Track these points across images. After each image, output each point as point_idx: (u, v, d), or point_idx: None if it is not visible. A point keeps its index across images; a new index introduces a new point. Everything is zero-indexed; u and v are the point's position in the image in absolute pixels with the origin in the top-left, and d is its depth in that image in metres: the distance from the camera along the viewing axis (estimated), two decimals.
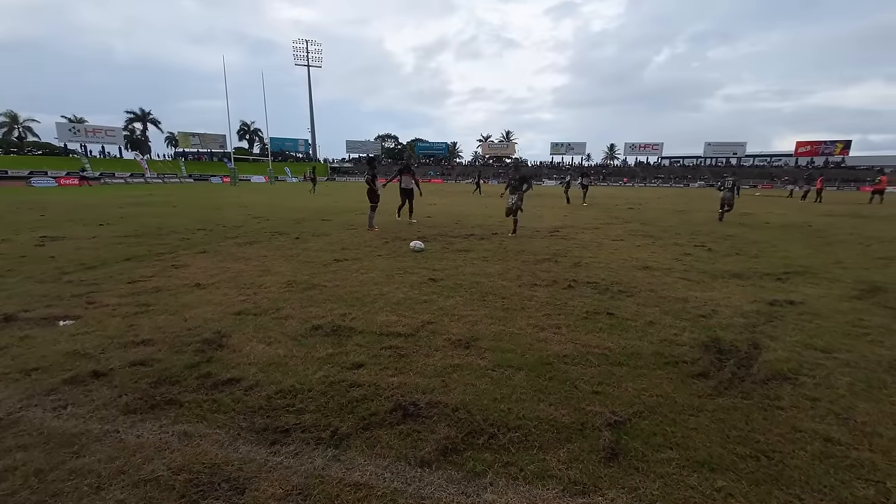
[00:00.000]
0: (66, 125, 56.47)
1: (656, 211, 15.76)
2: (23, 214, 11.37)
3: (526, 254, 6.56)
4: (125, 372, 2.56)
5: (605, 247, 7.35)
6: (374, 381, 2.50)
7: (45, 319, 3.45)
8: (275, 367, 2.65)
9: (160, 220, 10.24)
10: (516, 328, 3.39)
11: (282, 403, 2.24)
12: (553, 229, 9.57)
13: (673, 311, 3.84)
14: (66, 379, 2.45)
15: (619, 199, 23.74)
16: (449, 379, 2.54)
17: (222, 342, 3.01)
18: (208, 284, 4.55)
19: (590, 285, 4.73)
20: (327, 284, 4.61)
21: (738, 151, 74.00)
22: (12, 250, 6.29)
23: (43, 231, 8.23)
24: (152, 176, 51.00)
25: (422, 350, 2.95)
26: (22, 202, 15.87)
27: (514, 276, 5.09)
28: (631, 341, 3.15)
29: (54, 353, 2.80)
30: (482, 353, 2.90)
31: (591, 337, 3.23)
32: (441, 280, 4.85)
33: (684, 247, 7.46)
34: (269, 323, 3.43)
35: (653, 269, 5.58)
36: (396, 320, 3.52)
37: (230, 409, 2.18)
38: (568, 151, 78.92)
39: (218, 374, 2.54)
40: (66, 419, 2.08)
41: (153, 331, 3.22)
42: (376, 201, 9.38)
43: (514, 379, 2.55)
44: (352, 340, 3.09)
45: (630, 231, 9.54)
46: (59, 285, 4.49)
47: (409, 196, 10.46)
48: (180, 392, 2.34)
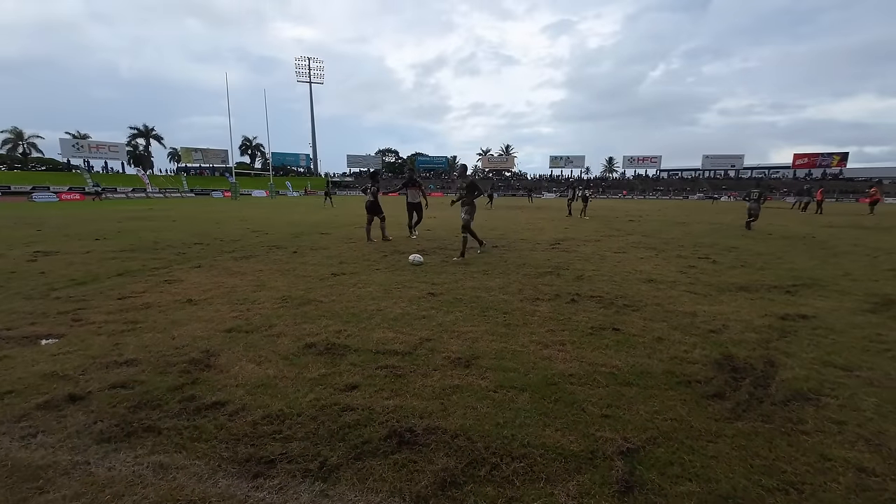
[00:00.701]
0: (70, 141, 57.05)
1: (657, 223, 15.68)
2: (19, 230, 11.29)
3: (527, 267, 6.42)
4: (104, 395, 2.41)
5: (608, 259, 7.22)
6: (368, 404, 2.34)
7: (26, 338, 3.30)
8: (263, 390, 2.49)
9: (157, 235, 10.15)
10: (519, 345, 3.24)
11: (268, 430, 2.08)
12: (554, 242, 9.45)
13: (681, 327, 3.69)
14: (40, 403, 2.30)
15: (618, 212, 23.70)
16: (448, 401, 2.39)
17: (210, 362, 2.87)
18: (200, 300, 4.41)
19: (594, 299, 4.58)
20: (323, 300, 4.47)
21: (735, 164, 74.47)
22: (3, 266, 6.16)
23: (37, 246, 8.12)
24: (154, 191, 51.25)
25: (419, 370, 2.79)
26: (20, 217, 15.82)
27: (516, 290, 4.95)
28: (640, 359, 3.00)
29: (31, 375, 2.65)
30: (483, 373, 2.75)
31: (598, 354, 3.08)
32: (440, 294, 4.71)
33: (688, 259, 7.33)
34: (260, 341, 3.28)
35: (657, 282, 5.44)
36: (393, 337, 3.38)
37: (212, 437, 2.02)
38: (567, 165, 79.51)
39: (202, 397, 2.38)
40: (34, 449, 1.93)
41: (138, 350, 3.07)
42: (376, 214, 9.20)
43: (517, 401, 2.40)
44: (346, 359, 2.94)
45: (632, 243, 9.42)
46: (46, 302, 4.36)
47: (417, 210, 10.16)
48: (160, 417, 2.18)
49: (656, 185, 75.34)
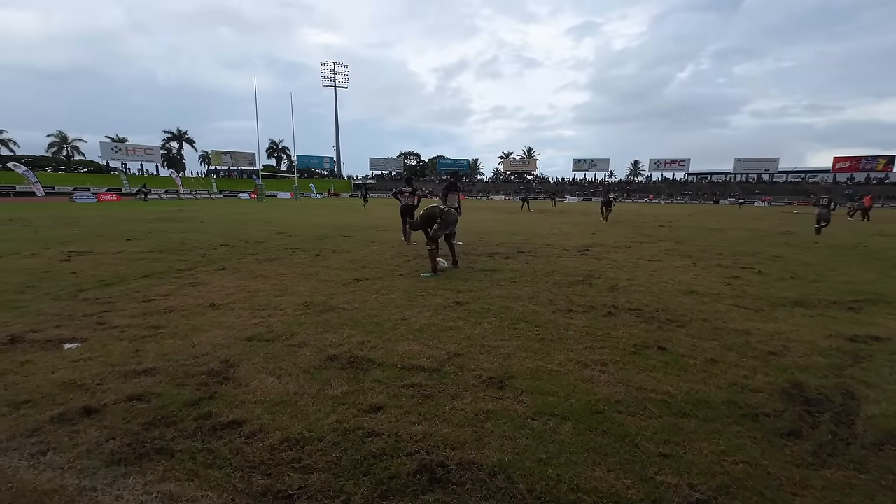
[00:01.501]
0: (109, 144, 59.83)
1: (689, 229, 14.98)
2: (57, 229, 11.73)
3: (556, 275, 6.12)
4: (119, 409, 2.29)
5: (642, 268, 6.82)
6: (394, 429, 2.14)
7: (50, 342, 3.26)
8: (282, 408, 2.33)
9: (185, 236, 10.32)
10: (555, 364, 2.97)
11: (287, 457, 1.90)
12: (582, 248, 9.08)
13: (736, 347, 3.34)
14: (55, 416, 2.20)
15: (646, 216, 22.89)
16: (482, 430, 2.15)
17: (228, 374, 2.73)
18: (223, 305, 4.33)
19: (632, 312, 4.26)
20: (346, 307, 4.31)
21: (770, 167, 71.29)
22: (38, 265, 6.31)
23: (72, 246, 8.35)
24: (185, 192, 53.06)
25: (449, 390, 2.57)
26: (59, 217, 16.52)
27: (547, 301, 4.67)
28: (694, 384, 2.68)
29: (50, 383, 2.57)
30: (519, 396, 2.51)
31: (645, 377, 2.78)
32: (467, 304, 4.48)
33: (730, 269, 6.85)
34: (280, 351, 3.13)
35: (700, 295, 5.05)
36: (419, 351, 3.17)
37: (226, 464, 1.85)
38: (591, 168, 77.93)
39: (219, 415, 2.23)
40: (42, 470, 1.81)
41: (158, 358, 2.97)
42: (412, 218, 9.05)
43: (559, 432, 2.14)
44: (370, 375, 2.75)
45: (666, 251, 8.94)
46: (73, 303, 4.37)
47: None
48: (174, 437, 2.04)
49: (684, 188, 72.88)
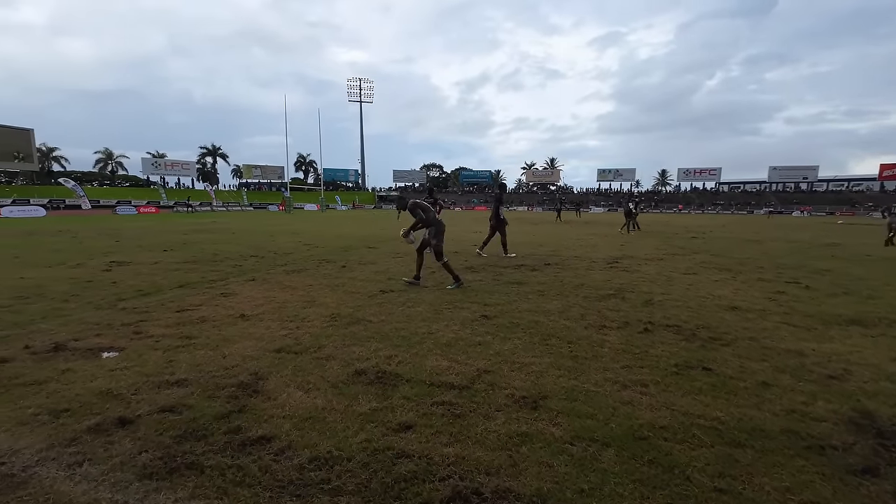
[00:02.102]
0: (150, 160, 63.40)
1: (724, 240, 14.34)
2: (101, 240, 12.36)
3: (586, 288, 5.92)
4: (152, 420, 2.30)
5: (677, 281, 6.52)
6: (425, 450, 2.05)
7: (90, 350, 3.36)
8: (311, 424, 2.28)
9: (217, 247, 10.66)
10: (591, 384, 2.82)
11: (316, 478, 1.84)
12: (611, 260, 8.80)
13: (790, 369, 3.08)
14: (91, 426, 2.23)
15: (676, 227, 22.13)
16: (517, 454, 2.04)
17: (258, 386, 2.72)
18: (252, 316, 4.38)
19: (670, 329, 4.04)
20: (372, 319, 4.28)
21: (808, 176, 68.06)
22: (82, 275, 6.62)
23: (113, 256, 8.76)
24: (218, 204, 55.27)
25: (480, 409, 2.47)
26: (103, 229, 17.46)
27: (578, 315, 4.50)
28: (746, 410, 2.48)
29: (88, 392, 2.63)
30: (554, 418, 2.37)
31: (690, 401, 2.59)
32: (495, 317, 4.37)
33: (773, 283, 6.45)
34: (309, 364, 3.11)
35: (743, 311, 4.75)
36: (448, 367, 3.08)
37: (255, 483, 1.81)
38: (616, 178, 76.54)
39: (248, 430, 2.21)
40: (77, 482, 1.81)
41: (190, 369, 3.00)
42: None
43: (601, 459, 2.00)
44: (398, 391, 2.68)
45: (701, 263, 8.55)
46: (113, 312, 4.52)
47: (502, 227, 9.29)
48: (204, 452, 2.02)
49: (716, 198, 70.35)
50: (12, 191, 45.23)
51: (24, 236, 13.62)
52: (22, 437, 2.14)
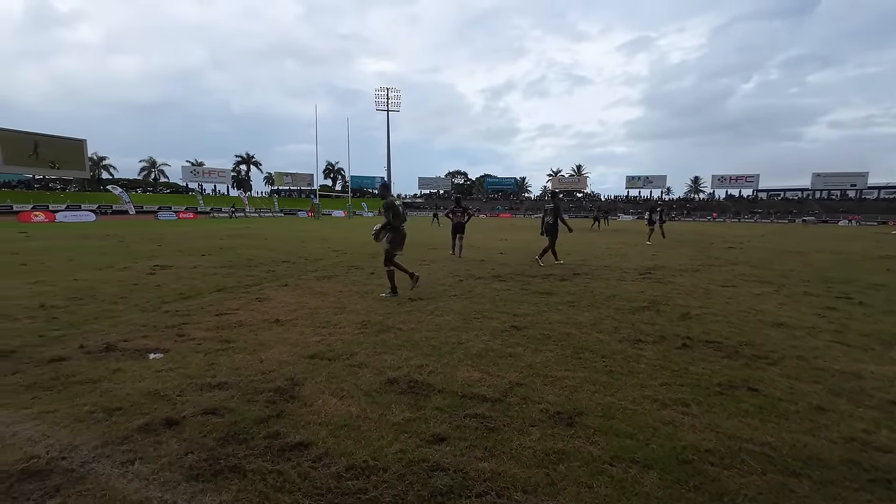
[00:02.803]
0: (189, 168, 66.72)
1: (763, 251, 13.65)
2: (144, 244, 13.07)
3: (618, 299, 5.76)
4: (196, 422, 2.40)
5: (715, 294, 6.25)
6: (459, 464, 2.03)
7: (138, 351, 3.54)
8: (346, 432, 2.31)
9: (251, 252, 11.06)
10: (629, 401, 2.73)
11: (353, 487, 1.86)
12: (644, 270, 8.53)
13: (846, 393, 2.88)
14: (141, 426, 2.34)
15: (711, 237, 21.25)
16: (554, 472, 1.99)
17: (294, 392, 2.78)
18: (286, 321, 4.51)
19: (711, 345, 3.86)
20: (402, 327, 4.31)
21: (857, 182, 64.10)
22: (129, 278, 7.01)
23: (156, 260, 9.23)
24: (251, 210, 57.46)
25: (514, 423, 2.43)
26: (146, 233, 18.46)
27: (611, 329, 4.38)
28: (799, 436, 2.33)
29: (137, 392, 2.77)
30: (591, 436, 2.31)
31: (737, 424, 2.46)
32: (525, 328, 4.31)
33: (822, 298, 6.07)
34: (342, 371, 3.16)
35: (790, 328, 4.49)
36: (480, 378, 3.06)
37: (295, 489, 1.84)
38: (646, 185, 74.52)
39: (287, 435, 2.26)
40: (130, 479, 1.90)
41: (230, 372, 3.11)
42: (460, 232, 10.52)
43: (643, 482, 1.92)
44: (431, 402, 2.68)
45: (740, 275, 8.16)
46: (157, 315, 4.75)
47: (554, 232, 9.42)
48: (246, 455, 2.08)
49: (753, 206, 67.25)
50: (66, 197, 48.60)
51: (77, 239, 14.58)
52: (79, 434, 2.27)
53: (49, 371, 3.11)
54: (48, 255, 10.07)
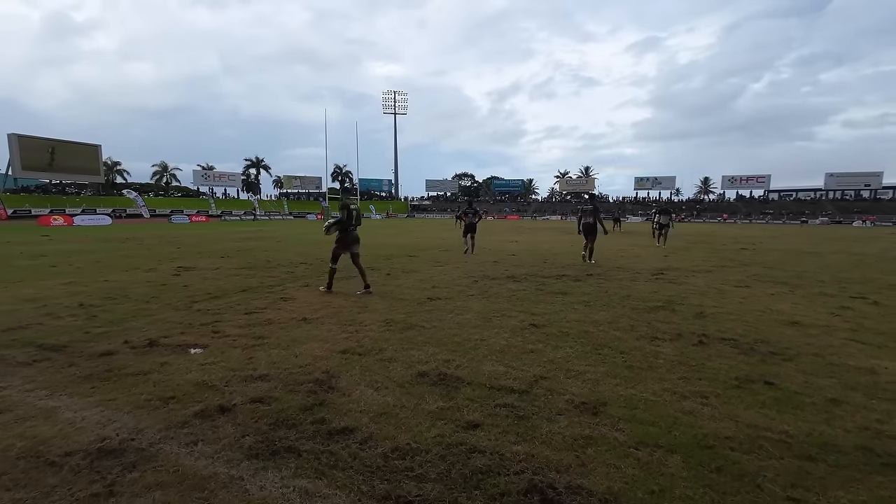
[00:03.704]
0: (200, 172, 67.71)
1: (777, 252, 13.60)
2: (164, 247, 13.42)
3: (633, 299, 5.88)
4: (246, 409, 2.59)
5: (729, 294, 6.33)
6: (495, 447, 2.19)
7: (179, 346, 3.75)
8: (386, 419, 2.48)
9: (269, 254, 11.33)
10: (649, 393, 2.86)
11: (400, 465, 2.03)
12: (656, 271, 8.61)
13: (861, 387, 2.99)
14: (197, 412, 2.53)
15: (723, 238, 21.15)
16: (584, 455, 2.14)
17: (332, 384, 2.96)
18: (313, 319, 4.70)
19: (727, 343, 3.97)
20: (425, 325, 4.48)
21: (871, 183, 62.97)
22: (156, 279, 7.28)
23: (179, 262, 9.53)
24: (261, 213, 58.22)
25: (542, 412, 2.58)
26: (163, 236, 18.90)
27: (627, 327, 4.50)
28: (815, 425, 2.45)
29: (187, 383, 2.97)
30: (616, 424, 2.45)
31: (754, 414, 2.58)
32: (543, 326, 4.46)
33: (837, 298, 6.13)
34: (374, 365, 3.34)
35: (805, 326, 4.58)
36: (504, 372, 3.21)
37: (348, 466, 2.02)
38: (655, 186, 73.98)
39: (332, 421, 2.44)
40: (196, 458, 2.09)
41: (269, 366, 3.30)
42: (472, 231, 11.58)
43: (667, 464, 2.06)
44: (461, 393, 2.84)
45: (754, 276, 8.21)
46: (190, 313, 4.98)
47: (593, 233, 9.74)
48: (297, 438, 2.26)
49: (765, 207, 66.44)
50: (82, 201, 49.67)
51: (99, 242, 15.01)
52: (142, 419, 2.47)
53: (101, 364, 3.33)
54: (75, 257, 10.43)
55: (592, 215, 9.60)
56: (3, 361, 3.37)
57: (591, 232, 9.62)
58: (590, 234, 9.67)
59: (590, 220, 9.62)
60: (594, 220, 9.58)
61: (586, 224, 9.68)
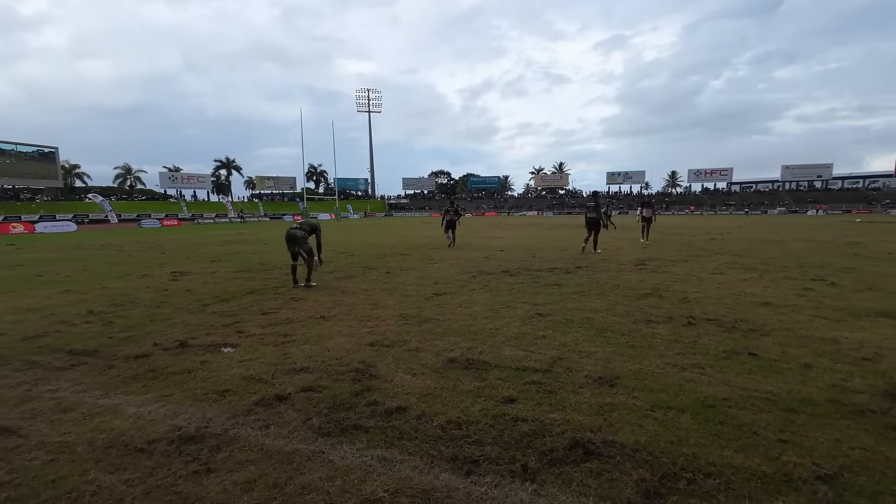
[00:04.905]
0: (167, 174, 65.19)
1: (744, 241, 14.60)
2: (147, 252, 13.11)
3: (622, 288, 6.36)
4: (301, 397, 2.82)
5: (707, 281, 6.92)
6: (534, 415, 2.53)
7: (211, 346, 3.91)
8: (432, 398, 2.78)
9: (260, 257, 11.30)
10: (654, 367, 3.28)
11: (458, 434, 2.34)
12: (639, 262, 9.21)
13: (827, 354, 3.50)
14: (257, 401, 2.75)
15: (693, 229, 22.33)
16: (610, 418, 2.51)
17: (372, 372, 3.23)
18: (331, 317, 4.92)
19: (711, 322, 4.47)
20: (439, 318, 4.78)
21: (823, 174, 67.38)
22: (155, 284, 7.25)
23: (170, 267, 9.42)
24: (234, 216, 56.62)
25: (566, 387, 2.94)
26: (141, 241, 18.32)
27: (623, 312, 4.95)
28: (794, 385, 2.91)
29: (234, 378, 3.16)
30: (631, 393, 2.84)
31: (743, 379, 3.03)
32: (548, 315, 4.84)
33: (800, 280, 6.82)
34: (404, 355, 3.62)
35: (776, 306, 5.15)
36: (524, 355, 3.56)
37: (412, 437, 2.31)
38: (626, 181, 76.51)
39: (384, 403, 2.71)
40: (273, 438, 2.33)
41: (306, 359, 3.52)
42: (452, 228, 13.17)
43: (680, 421, 2.46)
44: (491, 374, 3.17)
45: (726, 264, 8.91)
46: (205, 316, 5.09)
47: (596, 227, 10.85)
48: (359, 418, 2.53)
49: (728, 199, 69.97)
50: (39, 207, 46.97)
51: (73, 250, 14.46)
52: (207, 410, 2.67)
53: (141, 365, 3.47)
54: (57, 265, 10.11)
55: (595, 211, 10.71)
56: (40, 367, 3.46)
57: (594, 226, 10.70)
58: (592, 228, 10.74)
59: (593, 216, 10.73)
60: (597, 216, 10.70)
61: (589, 219, 10.79)
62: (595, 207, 10.82)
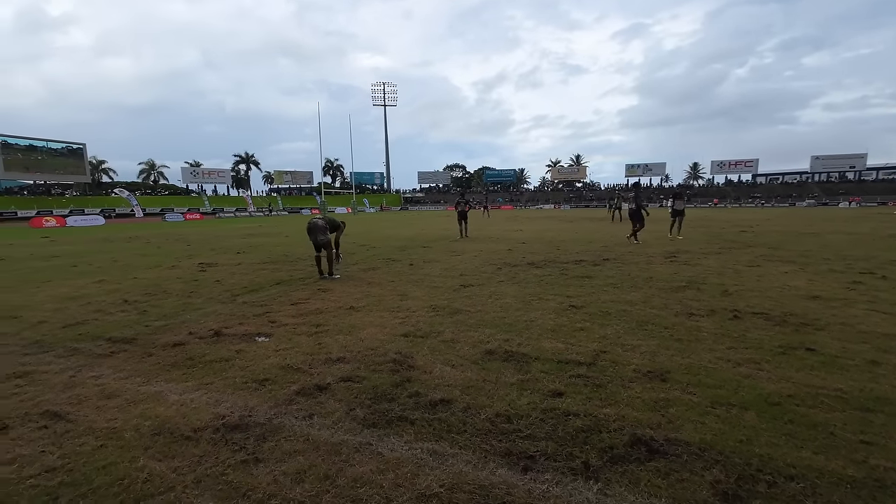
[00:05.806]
0: (188, 169, 66.63)
1: (776, 234, 14.03)
2: (175, 245, 13.38)
3: (656, 280, 6.13)
4: (341, 387, 2.76)
5: (745, 273, 6.62)
6: (586, 410, 2.41)
7: (245, 336, 3.90)
8: (476, 391, 2.68)
9: (284, 249, 11.40)
10: (706, 361, 3.10)
11: (508, 428, 2.23)
12: (668, 254, 8.90)
13: (893, 350, 3.26)
14: (298, 391, 2.71)
15: (720, 222, 21.61)
16: (668, 414, 2.37)
17: (409, 363, 3.15)
18: (361, 308, 4.87)
19: (759, 316, 4.24)
20: (470, 310, 4.68)
21: (856, 164, 64.37)
22: (184, 275, 7.35)
23: (197, 258, 9.57)
24: (254, 210, 57.60)
25: (615, 381, 2.80)
26: (166, 234, 18.75)
27: (661, 305, 4.75)
28: (864, 384, 2.71)
29: (272, 367, 3.13)
30: (686, 388, 2.68)
31: (806, 375, 2.84)
32: (583, 307, 4.68)
33: (846, 274, 6.46)
34: (439, 346, 3.53)
35: (826, 300, 4.87)
36: (564, 348, 3.43)
37: (461, 431, 2.22)
38: (645, 173, 74.67)
39: (426, 394, 2.63)
40: (318, 428, 2.27)
41: (341, 349, 3.47)
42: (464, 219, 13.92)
43: (745, 419, 2.30)
44: (533, 367, 3.05)
45: (761, 256, 8.54)
46: (236, 306, 5.11)
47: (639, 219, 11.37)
48: (403, 410, 2.45)
49: (753, 191, 67.62)
50: (69, 201, 48.67)
51: (104, 242, 14.88)
52: (248, 399, 2.64)
53: (179, 353, 3.47)
54: (89, 257, 10.39)
55: (635, 202, 11.45)
56: (82, 354, 3.50)
57: (635, 216, 11.37)
58: (633, 219, 11.46)
59: (633, 207, 11.55)
60: (637, 207, 11.37)
61: (630, 210, 11.65)
62: (635, 198, 11.53)
